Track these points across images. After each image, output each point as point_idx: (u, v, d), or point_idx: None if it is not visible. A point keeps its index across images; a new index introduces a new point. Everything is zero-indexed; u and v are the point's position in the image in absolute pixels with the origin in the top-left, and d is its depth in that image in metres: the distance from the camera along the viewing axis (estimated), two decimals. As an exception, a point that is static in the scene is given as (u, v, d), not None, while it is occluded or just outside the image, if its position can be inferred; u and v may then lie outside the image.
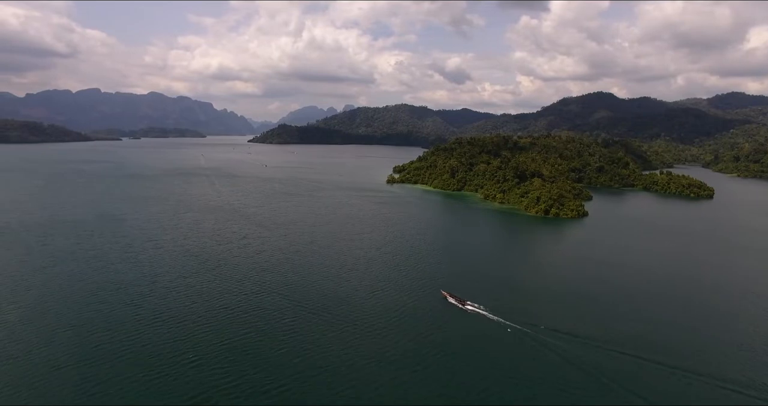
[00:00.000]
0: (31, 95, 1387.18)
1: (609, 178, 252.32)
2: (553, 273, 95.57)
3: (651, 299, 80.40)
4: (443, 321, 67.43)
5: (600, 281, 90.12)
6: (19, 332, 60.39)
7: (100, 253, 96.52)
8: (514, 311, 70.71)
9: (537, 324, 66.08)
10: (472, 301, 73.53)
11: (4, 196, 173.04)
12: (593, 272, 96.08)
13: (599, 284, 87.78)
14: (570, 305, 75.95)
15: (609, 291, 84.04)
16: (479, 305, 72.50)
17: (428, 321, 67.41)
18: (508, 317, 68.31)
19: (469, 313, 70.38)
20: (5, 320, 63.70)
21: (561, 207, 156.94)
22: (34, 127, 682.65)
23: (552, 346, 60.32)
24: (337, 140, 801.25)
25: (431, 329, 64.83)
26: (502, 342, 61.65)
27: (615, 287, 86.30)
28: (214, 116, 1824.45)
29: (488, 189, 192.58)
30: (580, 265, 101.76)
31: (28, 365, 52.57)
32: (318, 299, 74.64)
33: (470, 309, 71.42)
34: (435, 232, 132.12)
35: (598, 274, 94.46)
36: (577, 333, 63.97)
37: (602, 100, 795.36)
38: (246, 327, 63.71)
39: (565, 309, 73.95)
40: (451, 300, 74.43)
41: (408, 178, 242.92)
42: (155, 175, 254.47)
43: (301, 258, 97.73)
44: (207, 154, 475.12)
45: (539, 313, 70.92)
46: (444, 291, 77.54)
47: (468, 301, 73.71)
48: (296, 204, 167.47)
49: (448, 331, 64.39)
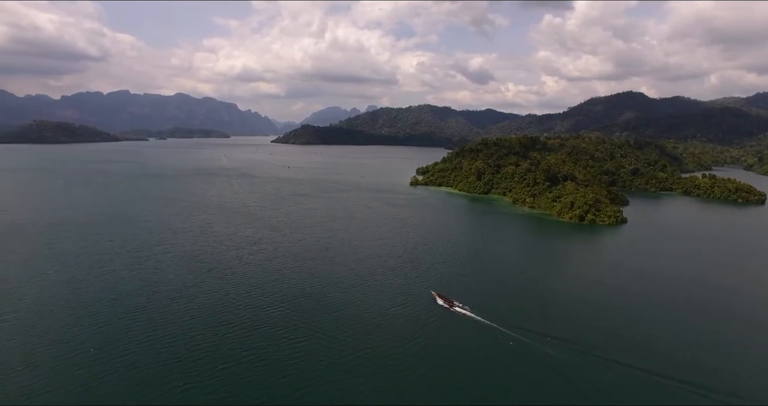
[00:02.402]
0: (65, 97, 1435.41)
1: (645, 182, 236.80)
2: (587, 284, 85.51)
3: (687, 314, 72.53)
4: (471, 339, 58.67)
5: (638, 293, 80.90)
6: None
7: (105, 258, 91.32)
8: (530, 321, 61.50)
9: (564, 340, 58.87)
10: (495, 317, 64.59)
11: (23, 195, 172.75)
12: (632, 284, 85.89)
13: (636, 297, 78.89)
14: (597, 317, 69.00)
15: (643, 304, 76.01)
16: (469, 307, 69.55)
17: (455, 339, 58.79)
18: (523, 330, 59.31)
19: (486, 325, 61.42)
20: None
21: (597, 213, 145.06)
22: (66, 128, 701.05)
23: (554, 358, 55.18)
24: (359, 141, 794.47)
25: (463, 350, 56.25)
26: (519, 357, 52.69)
27: (650, 300, 77.99)
28: (238, 117, 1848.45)
29: (517, 193, 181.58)
30: (617, 276, 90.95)
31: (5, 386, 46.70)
32: (331, 317, 66.74)
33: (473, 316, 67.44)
34: (461, 239, 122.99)
35: (639, 286, 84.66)
36: (589, 345, 59.33)
37: (631, 100, 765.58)
38: (245, 348, 56.38)
39: (586, 320, 68.07)
40: (440, 301, 72.39)
41: (432, 180, 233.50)
42: (175, 176, 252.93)
43: (314, 266, 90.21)
44: (229, 154, 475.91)
45: (564, 325, 61.71)
46: (434, 292, 75.39)
47: (457, 302, 71.21)
48: (315, 207, 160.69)
49: (481, 357, 55.62)
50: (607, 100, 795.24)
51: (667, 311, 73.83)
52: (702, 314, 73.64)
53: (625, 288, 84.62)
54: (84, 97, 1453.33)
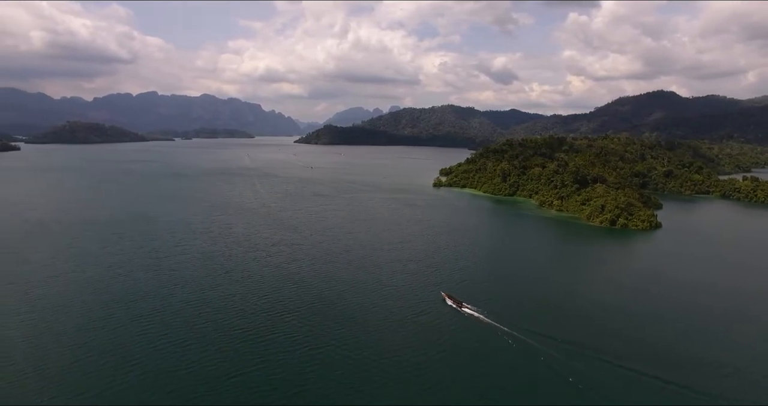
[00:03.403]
0: (97, 99, 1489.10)
1: (679, 184, 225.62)
2: (618, 291, 79.46)
3: (728, 326, 66.96)
4: (498, 351, 54.57)
5: (673, 302, 75.41)
6: (12, 352, 53.64)
7: (124, 259, 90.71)
8: (549, 328, 56.77)
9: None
10: (512, 323, 60.15)
11: (51, 195, 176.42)
12: (667, 292, 79.64)
13: (671, 306, 73.58)
14: (625, 326, 63.34)
15: (678, 314, 71.23)
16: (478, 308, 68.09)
17: (481, 351, 54.79)
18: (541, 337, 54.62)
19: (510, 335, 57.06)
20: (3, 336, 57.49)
21: (630, 217, 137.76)
22: (97, 128, 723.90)
23: (580, 369, 50.83)
24: (382, 141, 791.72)
25: (486, 363, 52.23)
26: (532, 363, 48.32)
27: (686, 310, 73.39)
28: (262, 117, 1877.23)
29: (544, 195, 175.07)
30: (651, 284, 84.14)
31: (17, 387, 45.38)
32: (349, 325, 63.56)
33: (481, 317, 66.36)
34: (485, 242, 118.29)
35: (675, 295, 78.70)
36: (608, 353, 55.73)
37: (661, 100, 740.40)
38: (259, 355, 53.77)
39: (613, 329, 63.29)
40: (449, 302, 71.34)
41: (456, 181, 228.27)
42: (198, 175, 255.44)
43: (333, 270, 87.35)
44: (253, 154, 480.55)
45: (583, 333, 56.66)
46: (443, 292, 74.42)
47: (466, 304, 70.11)
48: (336, 208, 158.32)
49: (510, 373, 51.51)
50: (636, 100, 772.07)
51: (705, 323, 68.28)
52: (743, 327, 67.25)
53: (660, 297, 78.73)
54: (114, 99, 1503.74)
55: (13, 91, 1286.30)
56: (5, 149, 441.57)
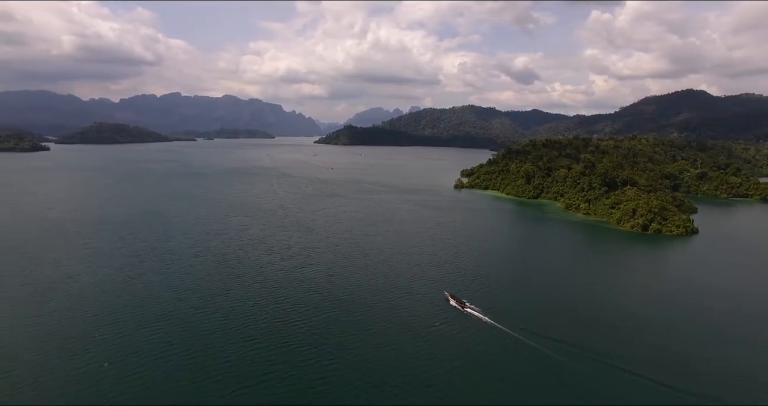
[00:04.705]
0: (123, 100, 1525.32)
1: (714, 187, 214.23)
2: (648, 300, 73.17)
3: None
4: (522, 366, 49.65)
5: (711, 313, 68.78)
6: (17, 357, 51.44)
7: (136, 261, 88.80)
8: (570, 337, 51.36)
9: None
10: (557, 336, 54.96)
11: (72, 194, 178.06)
12: (706, 302, 73.03)
13: (709, 318, 66.44)
14: (658, 337, 56.15)
15: (715, 327, 65.10)
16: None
17: (503, 363, 50.03)
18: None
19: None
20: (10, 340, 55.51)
21: (664, 222, 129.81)
22: (122, 129, 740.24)
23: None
24: (402, 142, 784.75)
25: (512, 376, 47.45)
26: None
27: (725, 322, 67.21)
28: (283, 118, 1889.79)
29: (570, 197, 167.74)
30: (687, 294, 77.53)
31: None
32: (364, 335, 59.46)
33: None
34: (509, 247, 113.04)
35: (713, 305, 71.68)
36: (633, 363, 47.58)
37: (690, 99, 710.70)
38: (268, 368, 50.11)
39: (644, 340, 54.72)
40: (452, 302, 70.19)
41: (478, 183, 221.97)
42: (218, 175, 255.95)
43: (349, 276, 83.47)
44: (273, 154, 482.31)
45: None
46: (447, 293, 73.38)
47: (468, 304, 68.90)
48: (354, 209, 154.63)
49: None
50: (662, 99, 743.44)
51: (747, 336, 62.22)
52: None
53: (696, 307, 73.64)
54: (139, 100, 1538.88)
55: (45, 93, 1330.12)
56: (36, 149, 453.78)
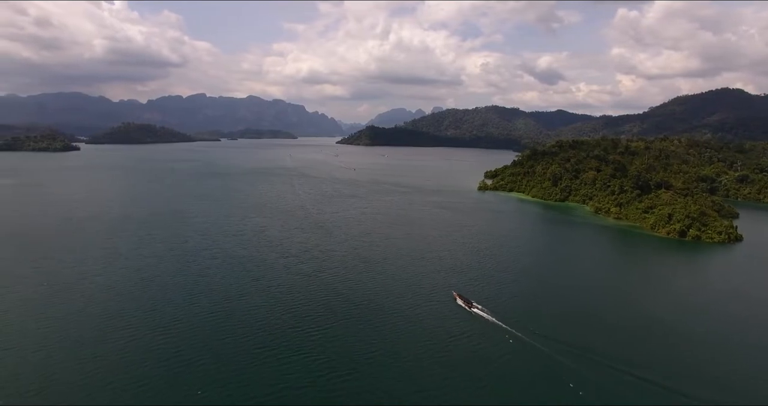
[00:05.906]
0: (151, 101, 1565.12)
1: (757, 191, 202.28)
2: (687, 312, 67.15)
3: None
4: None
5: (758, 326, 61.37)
6: (26, 359, 49.86)
7: (152, 262, 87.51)
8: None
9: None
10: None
11: (94, 194, 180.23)
12: (750, 316, 66.49)
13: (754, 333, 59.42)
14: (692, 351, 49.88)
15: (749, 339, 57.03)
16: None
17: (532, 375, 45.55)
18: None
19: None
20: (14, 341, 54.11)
21: (703, 228, 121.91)
22: (149, 129, 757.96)
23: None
24: (424, 142, 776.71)
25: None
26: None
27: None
28: (306, 118, 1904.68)
29: (599, 201, 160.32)
30: (731, 306, 71.19)
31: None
32: (382, 346, 55.80)
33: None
34: (536, 252, 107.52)
35: (756, 318, 64.84)
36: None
37: (725, 98, 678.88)
38: (281, 381, 47.04)
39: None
40: (460, 302, 69.71)
41: (502, 185, 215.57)
42: (239, 175, 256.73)
43: (368, 281, 79.96)
44: (295, 154, 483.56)
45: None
46: (455, 292, 73.13)
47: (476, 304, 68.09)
48: (375, 211, 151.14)
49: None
50: (694, 99, 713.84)
51: None
52: None
53: (743, 322, 67.67)
54: (166, 101, 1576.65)
55: (78, 95, 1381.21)
56: (67, 149, 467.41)
